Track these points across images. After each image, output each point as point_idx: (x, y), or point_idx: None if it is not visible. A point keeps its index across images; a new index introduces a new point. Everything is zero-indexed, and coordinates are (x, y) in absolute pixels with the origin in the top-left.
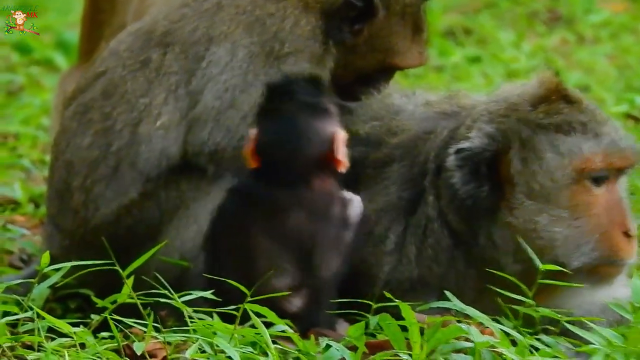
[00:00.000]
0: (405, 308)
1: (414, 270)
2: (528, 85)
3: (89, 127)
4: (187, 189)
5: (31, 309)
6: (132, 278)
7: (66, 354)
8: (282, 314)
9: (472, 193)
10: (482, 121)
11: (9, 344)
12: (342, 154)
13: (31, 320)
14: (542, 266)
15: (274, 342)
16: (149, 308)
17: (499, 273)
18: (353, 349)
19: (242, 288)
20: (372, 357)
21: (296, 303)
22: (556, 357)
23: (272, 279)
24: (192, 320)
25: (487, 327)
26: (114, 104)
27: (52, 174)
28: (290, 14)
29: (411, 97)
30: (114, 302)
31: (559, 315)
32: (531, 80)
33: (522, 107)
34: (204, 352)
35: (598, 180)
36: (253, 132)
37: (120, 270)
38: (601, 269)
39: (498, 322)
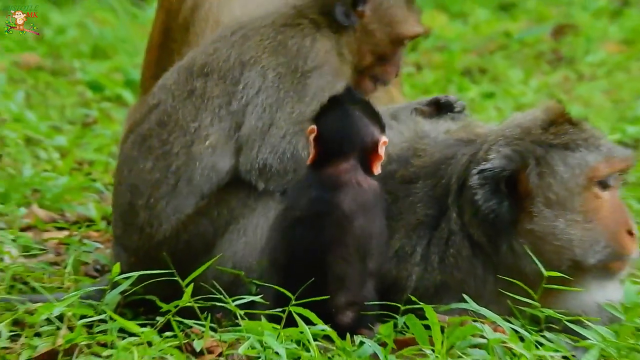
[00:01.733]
0: (428, 310)
1: (437, 276)
2: (537, 112)
3: (149, 153)
4: (236, 206)
5: (104, 312)
6: (191, 286)
7: (135, 351)
8: (335, 323)
9: (494, 208)
10: (499, 145)
11: (86, 343)
12: (381, 153)
13: (105, 322)
14: (547, 273)
15: (315, 340)
16: (206, 312)
17: (510, 279)
18: (383, 345)
19: (287, 293)
20: (399, 352)
21: (350, 316)
22: (558, 351)
23: (335, 296)
24: (244, 320)
25: (499, 326)
26: (170, 131)
27: (116, 199)
28: (308, 32)
29: (435, 124)
30: (176, 306)
31: (561, 315)
32: (538, 109)
33: (534, 130)
34: (254, 348)
35: (604, 186)
36: (313, 127)
37: (180, 280)
38: (611, 265)
39: (509, 321)
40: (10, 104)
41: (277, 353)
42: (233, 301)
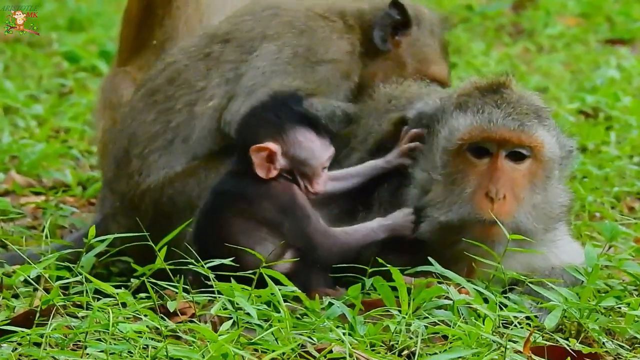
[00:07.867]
0: (395, 272)
1: None
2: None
3: (154, 107)
4: (225, 172)
5: (80, 274)
6: (164, 250)
7: (110, 312)
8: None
9: None
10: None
11: (62, 303)
12: (255, 158)
13: (80, 283)
14: (510, 236)
15: (285, 302)
16: (178, 275)
17: (470, 242)
18: (351, 306)
19: (259, 256)
20: (367, 313)
21: (284, 266)
22: (521, 312)
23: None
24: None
25: (464, 287)
26: (177, 88)
27: (113, 144)
28: (339, 29)
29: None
30: (151, 269)
31: (523, 277)
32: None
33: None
34: (226, 309)
35: (479, 152)
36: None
37: (154, 245)
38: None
39: (472, 283)
40: None
41: (248, 314)
42: (205, 264)
